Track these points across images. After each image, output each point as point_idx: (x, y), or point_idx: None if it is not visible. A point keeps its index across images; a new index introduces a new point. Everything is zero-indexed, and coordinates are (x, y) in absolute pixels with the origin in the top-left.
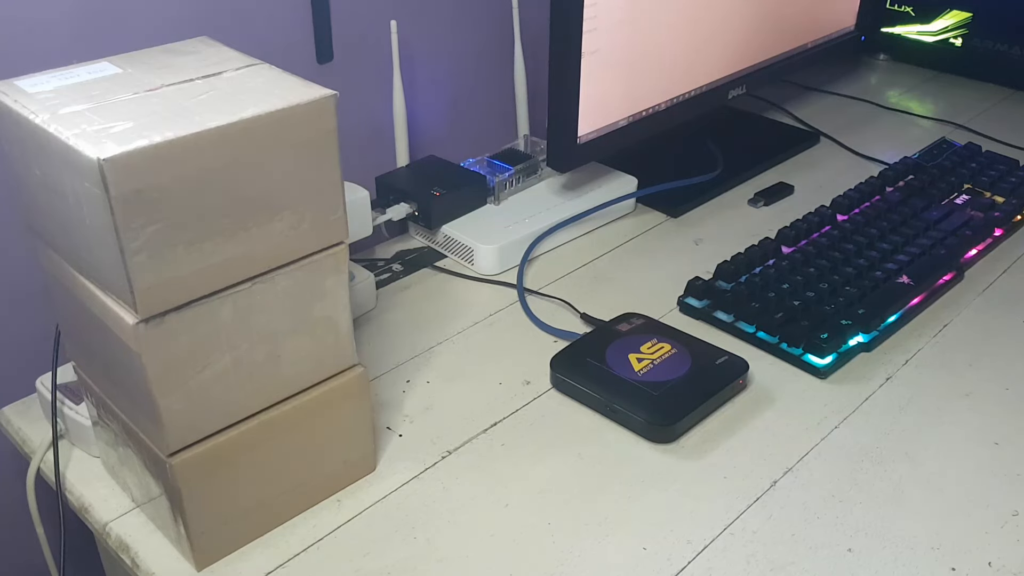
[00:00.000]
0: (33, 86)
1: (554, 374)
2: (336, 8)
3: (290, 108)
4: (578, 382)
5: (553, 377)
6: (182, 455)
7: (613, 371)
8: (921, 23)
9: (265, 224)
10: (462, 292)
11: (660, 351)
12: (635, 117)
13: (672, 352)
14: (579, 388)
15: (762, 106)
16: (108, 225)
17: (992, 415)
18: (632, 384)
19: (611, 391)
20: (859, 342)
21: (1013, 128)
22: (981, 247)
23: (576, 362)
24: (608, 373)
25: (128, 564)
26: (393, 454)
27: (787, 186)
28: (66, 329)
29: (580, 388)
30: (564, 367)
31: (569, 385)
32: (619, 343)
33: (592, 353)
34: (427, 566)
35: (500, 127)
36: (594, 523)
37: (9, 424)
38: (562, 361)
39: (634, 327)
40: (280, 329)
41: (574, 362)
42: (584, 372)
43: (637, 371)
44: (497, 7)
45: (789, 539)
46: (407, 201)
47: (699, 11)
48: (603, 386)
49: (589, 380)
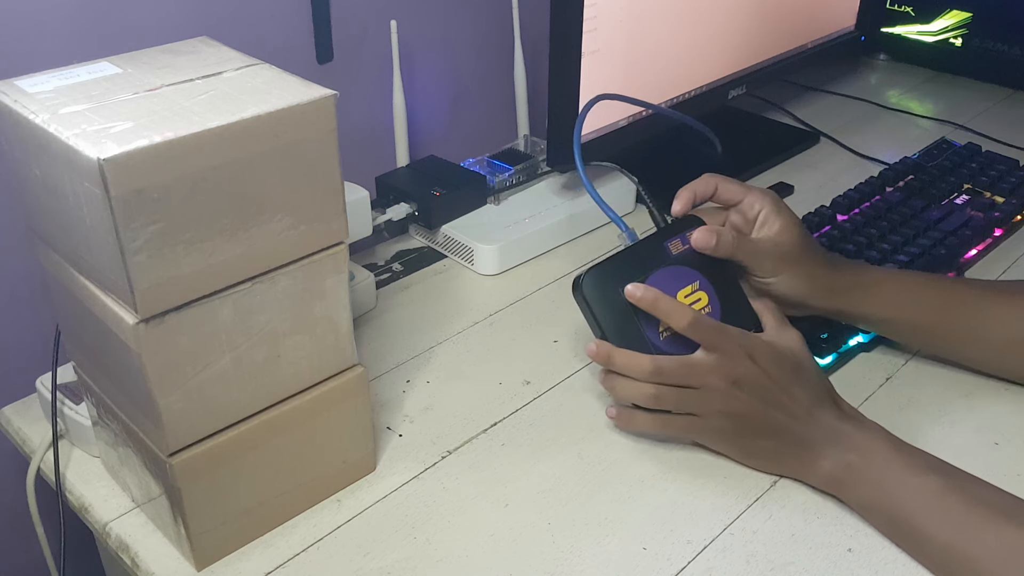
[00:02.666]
0: (33, 86)
1: (577, 292)
2: (336, 8)
3: (290, 108)
4: (599, 317)
5: (576, 294)
6: (182, 455)
7: (639, 321)
8: (921, 23)
9: (265, 224)
10: (462, 292)
11: (697, 302)
12: (635, 117)
13: (706, 310)
14: (596, 323)
15: (762, 106)
16: (108, 225)
17: (992, 415)
18: (648, 348)
19: (625, 345)
20: (859, 342)
21: (1013, 128)
22: (981, 247)
23: (608, 288)
24: (634, 324)
25: (128, 564)
26: (393, 454)
27: (787, 186)
28: (66, 329)
29: (597, 324)
30: (593, 287)
31: (588, 312)
32: (663, 274)
33: (630, 278)
34: (427, 566)
35: (500, 127)
36: (594, 523)
37: (9, 424)
38: (594, 281)
39: (686, 250)
40: (280, 329)
41: (605, 285)
42: (610, 306)
43: (659, 332)
44: (497, 7)
45: (789, 539)
46: (407, 201)
47: (699, 11)
48: (622, 336)
49: (609, 320)
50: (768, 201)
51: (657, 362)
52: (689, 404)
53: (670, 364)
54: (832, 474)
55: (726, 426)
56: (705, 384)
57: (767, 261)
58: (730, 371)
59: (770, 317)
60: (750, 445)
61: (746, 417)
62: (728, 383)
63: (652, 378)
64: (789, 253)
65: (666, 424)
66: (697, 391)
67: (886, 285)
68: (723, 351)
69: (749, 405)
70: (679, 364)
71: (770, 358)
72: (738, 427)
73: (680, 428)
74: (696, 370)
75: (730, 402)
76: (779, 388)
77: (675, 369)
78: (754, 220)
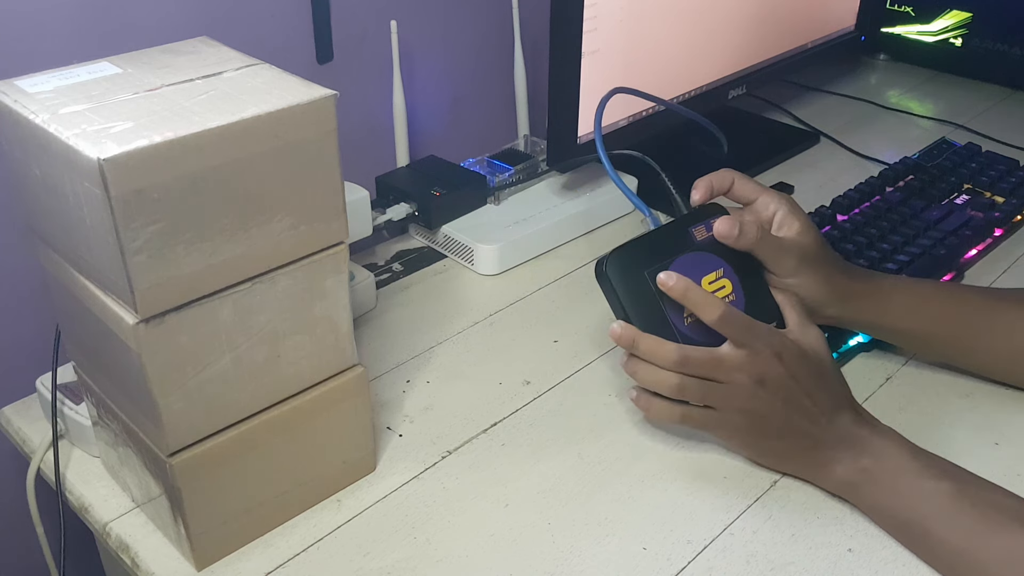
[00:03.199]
0: (33, 86)
1: (600, 274)
2: (336, 8)
3: (290, 108)
4: (623, 299)
5: (599, 276)
6: (182, 455)
7: (663, 305)
8: (921, 23)
9: (265, 224)
10: (462, 292)
11: (721, 290)
12: (635, 117)
13: (730, 298)
14: (620, 305)
15: (762, 106)
16: (108, 225)
17: (992, 415)
18: (672, 333)
19: (649, 329)
20: (859, 342)
21: (1013, 128)
22: (981, 247)
23: (632, 270)
24: (658, 307)
25: (128, 564)
26: (393, 454)
27: (787, 186)
28: (66, 329)
29: (621, 306)
30: (617, 269)
31: (612, 295)
32: (687, 259)
33: (654, 262)
34: (427, 566)
35: (500, 127)
36: (594, 523)
37: (9, 424)
38: (618, 262)
39: (710, 237)
40: (280, 329)
41: (629, 267)
42: (634, 288)
43: (684, 318)
44: (497, 7)
45: (789, 539)
46: (407, 201)
47: (699, 11)
48: (646, 320)
49: (633, 303)
50: (784, 202)
51: (684, 352)
52: (711, 397)
53: (697, 355)
54: (845, 478)
55: (743, 423)
56: (730, 380)
57: (790, 259)
58: (757, 369)
59: (793, 312)
60: (764, 444)
61: (766, 417)
62: (753, 381)
63: (677, 367)
64: (809, 255)
65: (684, 415)
66: (721, 385)
67: (900, 296)
68: (751, 348)
69: (771, 405)
70: (706, 357)
71: (797, 359)
72: (755, 425)
73: (697, 421)
74: (723, 365)
75: (752, 400)
76: (802, 391)
77: (702, 361)
78: (769, 220)
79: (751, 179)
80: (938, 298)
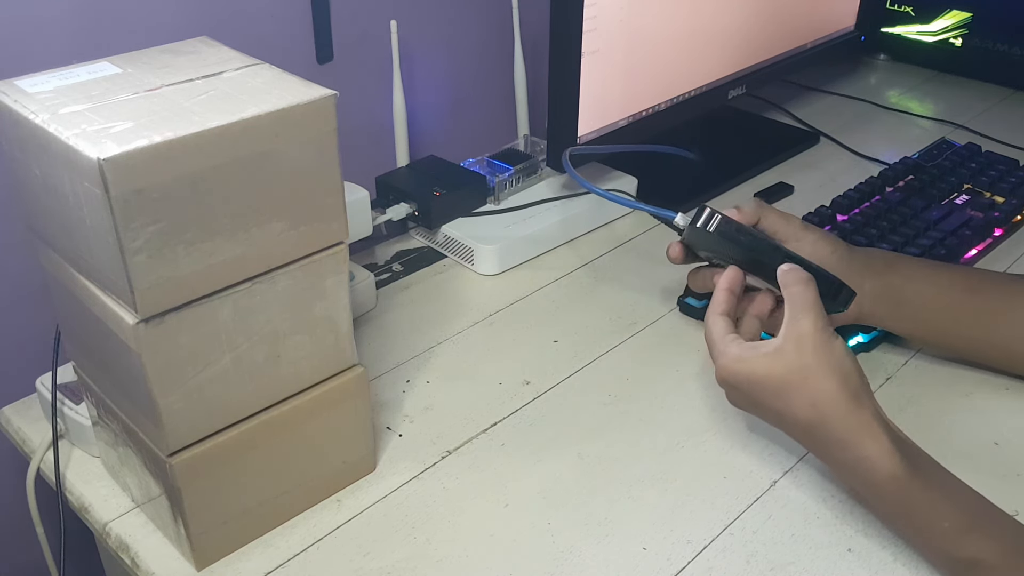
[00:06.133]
0: (33, 86)
1: (691, 229)
2: (336, 8)
3: (290, 108)
4: (728, 240)
5: (690, 233)
6: (182, 455)
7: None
8: (921, 23)
9: (265, 224)
10: (462, 292)
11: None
12: (635, 117)
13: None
14: (725, 246)
15: (762, 106)
16: (108, 225)
17: (992, 415)
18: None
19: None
20: (859, 342)
21: (1013, 128)
22: (981, 247)
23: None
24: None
25: (128, 564)
26: (393, 454)
27: (787, 186)
28: (66, 329)
29: (727, 245)
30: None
31: (711, 242)
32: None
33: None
34: (427, 566)
35: (500, 127)
36: (594, 523)
37: (9, 424)
38: (723, 224)
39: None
40: (280, 329)
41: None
42: (732, 237)
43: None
44: (497, 7)
45: (789, 539)
46: (407, 201)
47: (699, 11)
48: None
49: (738, 239)
50: (795, 223)
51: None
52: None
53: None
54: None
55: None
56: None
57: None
58: (719, 378)
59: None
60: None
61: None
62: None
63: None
64: (843, 259)
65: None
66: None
67: (916, 297)
68: (715, 362)
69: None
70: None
71: (745, 386)
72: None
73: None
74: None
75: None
76: (768, 408)
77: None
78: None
79: (776, 211)
80: (957, 295)
